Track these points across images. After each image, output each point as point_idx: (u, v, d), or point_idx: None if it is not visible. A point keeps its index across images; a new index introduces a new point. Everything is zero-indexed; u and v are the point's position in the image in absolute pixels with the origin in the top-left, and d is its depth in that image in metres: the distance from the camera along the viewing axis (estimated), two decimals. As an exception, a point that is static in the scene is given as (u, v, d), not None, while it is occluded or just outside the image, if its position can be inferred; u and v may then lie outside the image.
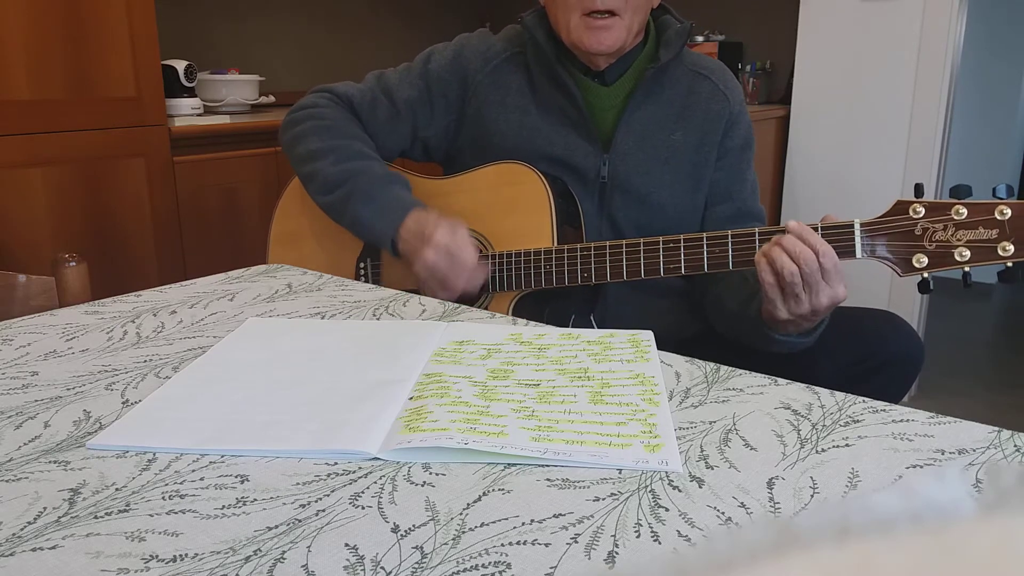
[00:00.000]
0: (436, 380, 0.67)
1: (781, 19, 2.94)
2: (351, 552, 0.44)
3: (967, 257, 0.90)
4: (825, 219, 0.96)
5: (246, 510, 0.48)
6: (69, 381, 0.68)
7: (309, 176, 1.21)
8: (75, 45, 1.78)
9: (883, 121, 2.55)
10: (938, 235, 0.91)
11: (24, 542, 0.45)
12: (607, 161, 1.17)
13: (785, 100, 2.81)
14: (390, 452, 0.55)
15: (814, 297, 0.93)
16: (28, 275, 1.10)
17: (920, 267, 0.92)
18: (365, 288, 0.97)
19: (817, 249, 0.91)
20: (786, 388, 0.67)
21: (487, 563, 0.43)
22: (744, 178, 1.23)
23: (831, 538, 0.17)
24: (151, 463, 0.54)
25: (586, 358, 0.72)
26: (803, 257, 0.91)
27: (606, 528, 0.46)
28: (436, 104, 1.24)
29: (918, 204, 0.92)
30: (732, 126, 1.21)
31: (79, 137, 1.82)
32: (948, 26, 2.39)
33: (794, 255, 0.92)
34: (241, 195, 2.13)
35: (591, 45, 1.12)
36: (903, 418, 0.61)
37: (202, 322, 0.83)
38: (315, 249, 1.29)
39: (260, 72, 2.47)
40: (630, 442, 0.56)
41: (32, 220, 1.77)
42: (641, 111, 1.18)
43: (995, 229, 0.89)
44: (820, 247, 0.91)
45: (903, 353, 1.07)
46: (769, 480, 0.52)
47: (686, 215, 1.21)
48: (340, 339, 0.77)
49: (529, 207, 1.15)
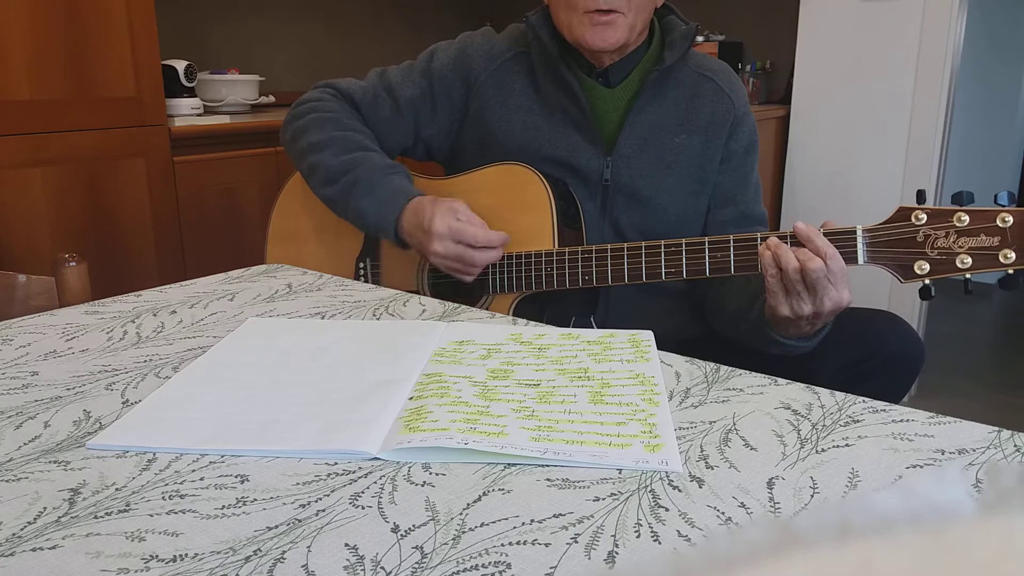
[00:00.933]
0: (436, 380, 0.67)
1: (781, 19, 2.95)
2: (351, 552, 0.44)
3: (969, 264, 0.90)
4: (825, 225, 0.96)
5: (246, 510, 0.48)
6: (69, 381, 0.68)
7: (311, 168, 1.20)
8: (75, 45, 1.78)
9: (883, 121, 2.55)
10: (940, 242, 0.91)
11: (24, 542, 0.45)
12: (610, 163, 1.17)
13: (785, 100, 2.81)
14: (390, 452, 0.55)
15: (818, 299, 0.92)
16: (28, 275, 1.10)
17: (922, 274, 0.92)
18: (365, 288, 0.97)
19: (825, 252, 0.91)
20: (786, 388, 0.67)
21: (487, 563, 0.43)
22: (748, 181, 1.23)
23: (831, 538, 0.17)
24: (151, 463, 0.54)
25: (586, 358, 0.72)
26: (809, 258, 0.91)
27: (606, 528, 0.46)
28: (438, 103, 1.24)
29: (920, 211, 0.92)
30: (736, 128, 1.20)
31: (79, 137, 1.82)
32: (948, 26, 2.39)
33: (800, 254, 0.92)
34: (241, 195, 2.13)
35: (593, 42, 1.11)
36: (903, 418, 0.61)
37: (202, 322, 0.83)
38: (314, 248, 1.29)
39: (260, 72, 2.47)
40: (630, 442, 0.56)
41: (32, 220, 1.77)
42: (645, 114, 1.17)
43: (997, 236, 0.89)
44: (828, 250, 0.91)
45: (903, 353, 1.07)
46: (769, 480, 0.52)
47: (689, 218, 1.20)
48: (340, 339, 0.77)
49: (530, 208, 1.15)
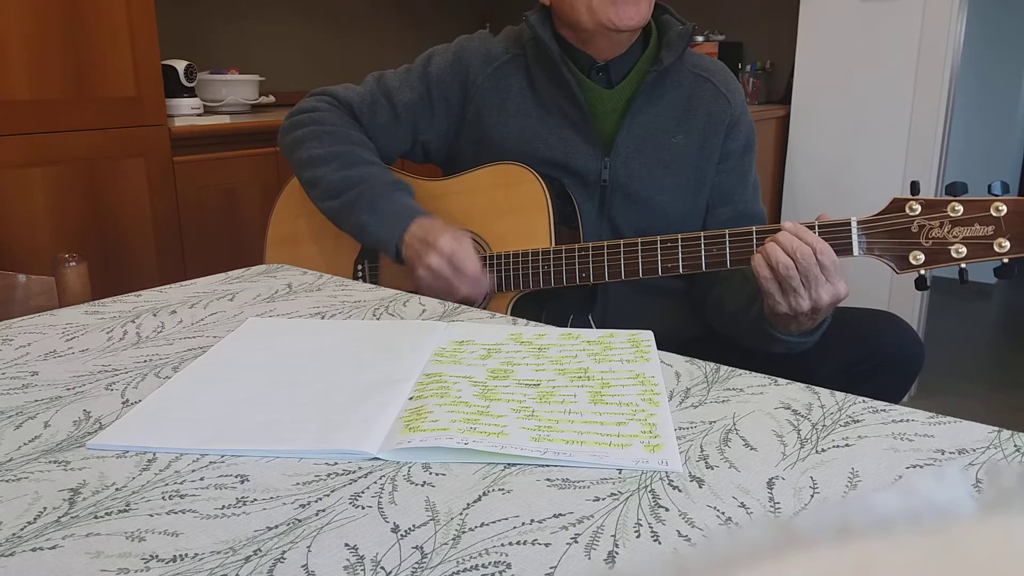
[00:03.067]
0: (436, 380, 0.67)
1: (781, 19, 2.95)
2: (351, 552, 0.44)
3: (963, 254, 0.90)
4: (820, 218, 0.96)
5: (246, 510, 0.48)
6: (69, 381, 0.68)
7: (311, 182, 1.20)
8: (75, 45, 1.78)
9: (883, 121, 2.55)
10: (934, 232, 0.91)
11: (24, 542, 0.45)
12: (608, 164, 1.17)
13: (785, 100, 2.81)
14: (390, 452, 0.55)
15: (814, 293, 0.93)
16: (28, 275, 1.10)
17: (917, 264, 0.92)
18: (365, 288, 0.97)
19: (814, 246, 0.92)
20: (786, 388, 0.67)
21: (487, 563, 0.43)
22: (746, 181, 1.23)
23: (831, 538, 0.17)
24: (151, 463, 0.54)
25: (586, 358, 0.72)
26: (799, 252, 0.92)
27: (606, 528, 0.46)
28: (436, 107, 1.24)
29: (914, 201, 0.93)
30: (734, 128, 1.20)
31: (79, 137, 1.82)
32: (948, 26, 2.39)
33: (789, 250, 0.92)
34: (241, 195, 2.13)
35: (620, 20, 1.09)
36: (903, 418, 0.61)
37: (202, 322, 0.83)
38: (313, 251, 1.29)
39: (260, 72, 2.47)
40: (630, 442, 0.56)
41: (32, 220, 1.77)
42: (643, 114, 1.18)
43: (991, 226, 0.89)
44: (817, 244, 0.92)
45: (903, 353, 1.07)
46: (769, 480, 0.52)
47: (687, 218, 1.21)
48: (340, 339, 0.77)
49: (526, 208, 1.15)
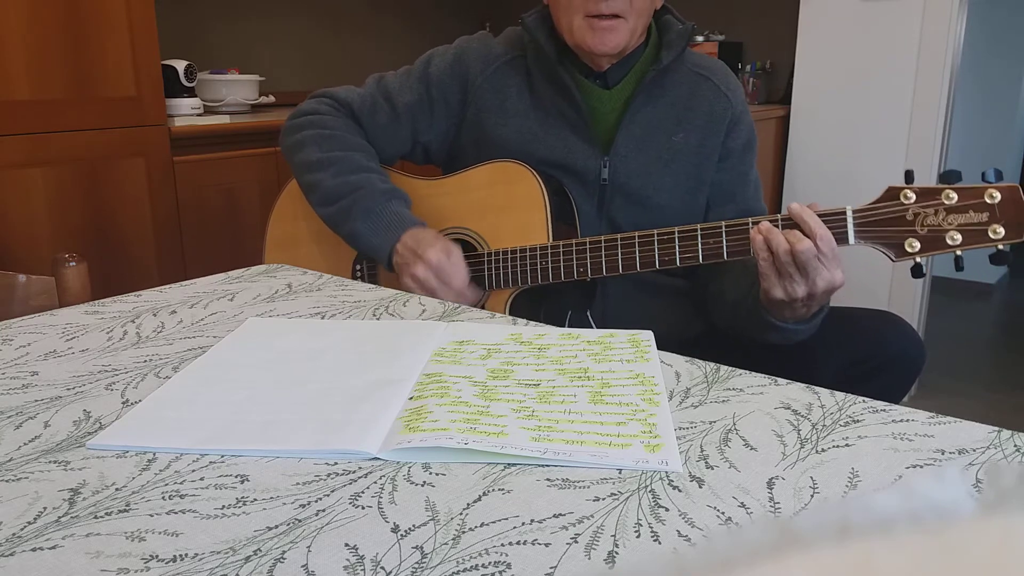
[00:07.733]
0: (436, 380, 0.67)
1: (781, 19, 2.94)
2: (351, 552, 0.44)
3: (958, 241, 0.90)
4: (814, 207, 0.96)
5: (246, 510, 0.48)
6: (69, 381, 0.68)
7: (310, 186, 1.21)
8: (75, 45, 1.78)
9: (883, 121, 2.55)
10: (929, 220, 0.92)
11: (24, 542, 0.45)
12: (607, 163, 1.17)
13: (785, 100, 2.81)
14: (390, 452, 0.55)
15: (810, 280, 0.93)
16: (28, 275, 1.10)
17: (912, 251, 0.93)
18: (365, 288, 0.97)
19: (815, 233, 0.92)
20: (786, 388, 0.67)
21: (487, 563, 0.43)
22: (747, 179, 1.23)
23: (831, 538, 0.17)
24: (151, 463, 0.54)
25: (586, 358, 0.72)
26: (798, 239, 0.92)
27: (606, 528, 0.46)
28: (436, 108, 1.24)
29: (909, 190, 0.93)
30: (734, 127, 1.21)
31: (79, 137, 1.82)
32: (948, 26, 2.39)
33: (790, 236, 0.92)
34: (241, 195, 2.13)
35: (594, 46, 1.11)
36: (903, 418, 0.61)
37: (202, 322, 0.83)
38: (312, 252, 1.29)
39: (260, 72, 2.47)
40: (630, 442, 0.56)
41: (32, 220, 1.77)
42: (642, 113, 1.18)
43: (985, 212, 0.89)
44: (819, 231, 0.92)
45: (903, 353, 1.07)
46: (769, 480, 0.52)
47: (687, 217, 1.21)
48: (340, 339, 0.77)
49: (524, 205, 1.15)
